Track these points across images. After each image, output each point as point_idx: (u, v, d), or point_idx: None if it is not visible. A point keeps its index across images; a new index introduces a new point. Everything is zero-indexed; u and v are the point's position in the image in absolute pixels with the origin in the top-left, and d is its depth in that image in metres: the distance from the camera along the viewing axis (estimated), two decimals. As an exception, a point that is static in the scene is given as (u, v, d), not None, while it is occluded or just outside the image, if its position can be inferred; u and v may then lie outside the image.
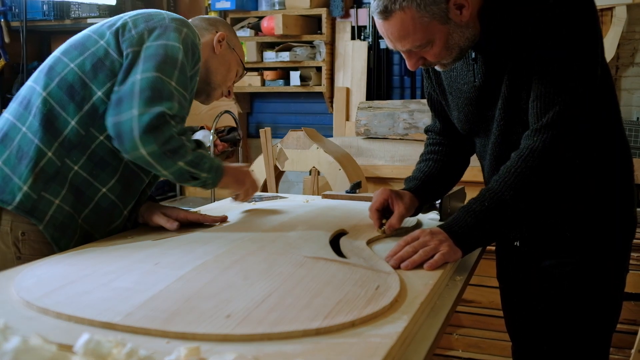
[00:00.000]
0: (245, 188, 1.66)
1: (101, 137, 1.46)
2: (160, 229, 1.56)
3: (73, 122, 1.44)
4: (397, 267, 1.21)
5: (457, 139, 1.62)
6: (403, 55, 1.34)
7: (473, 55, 1.39)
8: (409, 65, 1.34)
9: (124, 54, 1.44)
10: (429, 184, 1.60)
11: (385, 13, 1.26)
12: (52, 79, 1.46)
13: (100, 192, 1.49)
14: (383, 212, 1.51)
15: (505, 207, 1.28)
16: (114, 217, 1.53)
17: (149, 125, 1.36)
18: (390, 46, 1.32)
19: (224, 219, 1.63)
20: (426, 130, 1.71)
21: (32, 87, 1.49)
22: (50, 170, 1.43)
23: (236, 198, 1.72)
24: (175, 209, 1.61)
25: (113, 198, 1.51)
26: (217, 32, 1.69)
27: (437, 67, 1.40)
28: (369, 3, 4.09)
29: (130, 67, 1.42)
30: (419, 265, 1.22)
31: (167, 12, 1.55)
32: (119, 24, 1.49)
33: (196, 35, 1.54)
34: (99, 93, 1.44)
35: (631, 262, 1.55)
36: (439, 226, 1.31)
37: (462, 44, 1.32)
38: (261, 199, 2.01)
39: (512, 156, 1.31)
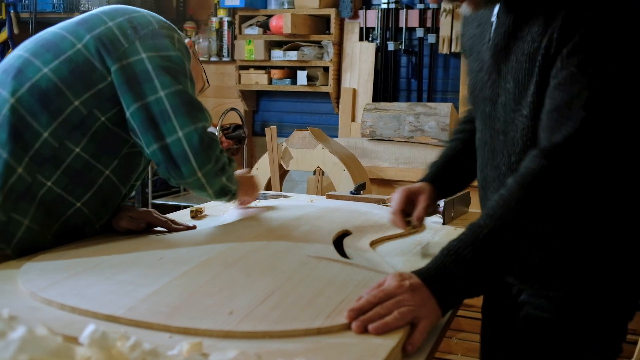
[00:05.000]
0: (256, 195, 1.69)
1: (77, 150, 1.32)
2: (129, 232, 1.47)
3: (46, 134, 1.29)
4: (362, 331, 0.91)
5: None
6: None
7: (496, 10, 1.14)
8: None
9: (114, 67, 1.31)
10: (448, 171, 1.43)
11: None
12: (22, 83, 1.30)
13: (73, 207, 1.35)
14: (405, 211, 1.41)
15: (501, 254, 1.01)
16: (85, 232, 1.41)
17: (200, 144, 1.30)
18: None
19: (192, 228, 1.53)
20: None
21: None
22: (20, 189, 1.28)
23: (242, 203, 1.71)
24: (144, 211, 1.53)
25: (87, 213, 1.38)
26: (184, 39, 1.56)
27: (465, 6, 1.10)
28: (378, 4, 4.09)
29: (136, 81, 1.30)
30: None
31: (148, 12, 1.43)
32: (101, 29, 1.34)
33: (181, 36, 1.45)
34: (76, 103, 1.30)
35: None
36: (420, 273, 1.01)
37: None
38: (265, 197, 2.02)
39: (509, 183, 1.04)
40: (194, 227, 1.53)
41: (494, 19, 1.15)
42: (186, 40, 1.52)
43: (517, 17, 1.10)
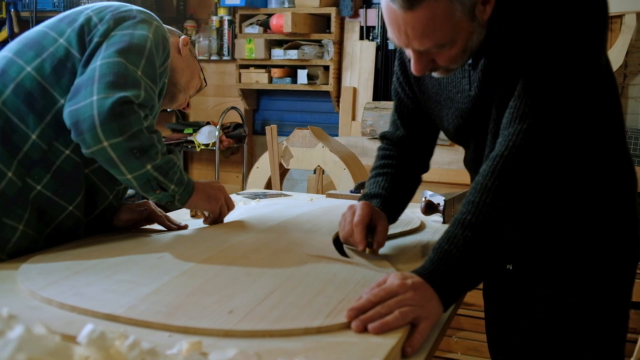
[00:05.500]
0: (218, 206, 1.49)
1: (67, 152, 1.29)
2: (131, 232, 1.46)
3: (34, 136, 1.26)
4: (362, 330, 0.91)
5: (415, 153, 1.48)
6: (411, 55, 1.13)
7: (470, 61, 1.21)
8: (416, 69, 1.14)
9: (87, 48, 1.28)
10: (392, 201, 1.41)
11: (412, 2, 1.03)
12: (6, 85, 1.27)
13: (66, 211, 1.33)
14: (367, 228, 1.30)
15: (490, 233, 1.03)
16: (79, 234, 1.39)
17: (111, 111, 1.18)
18: (400, 43, 1.10)
19: (183, 228, 1.51)
20: (382, 137, 1.51)
21: None
22: (11, 193, 1.25)
23: (206, 220, 1.53)
24: (142, 202, 1.51)
25: (79, 215, 1.36)
26: (180, 36, 1.53)
27: (436, 74, 1.20)
28: (379, 3, 4.08)
29: (91, 56, 1.26)
30: None
31: (134, 5, 1.40)
32: (81, 19, 1.31)
33: (165, 30, 1.40)
34: (62, 101, 1.26)
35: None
36: (419, 272, 1.02)
37: (474, 48, 1.14)
38: (265, 196, 2.02)
39: (482, 170, 1.09)
40: (185, 227, 1.52)
41: (467, 67, 1.23)
42: (182, 37, 1.51)
43: (491, 62, 1.18)
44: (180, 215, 1.69)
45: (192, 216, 1.69)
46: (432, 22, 1.05)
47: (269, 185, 3.19)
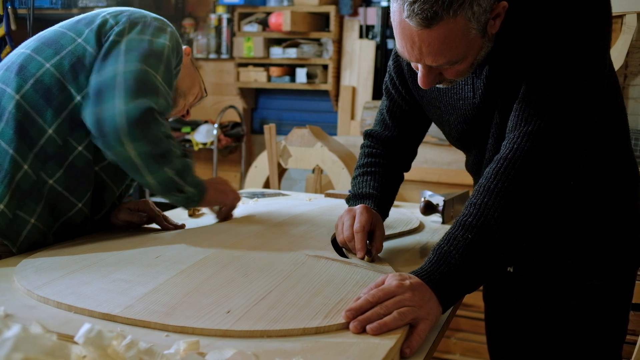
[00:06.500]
0: (230, 198, 1.55)
1: (80, 148, 1.32)
2: (129, 231, 1.47)
3: (50, 131, 1.29)
4: (360, 331, 0.90)
5: (402, 153, 1.48)
6: (419, 69, 1.13)
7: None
8: (424, 83, 1.12)
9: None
10: (383, 202, 1.41)
11: (430, 20, 1.01)
12: (26, 80, 1.30)
13: (75, 208, 1.35)
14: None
15: (492, 235, 1.02)
16: (85, 231, 1.42)
17: (136, 120, 1.23)
18: (411, 58, 1.10)
19: (180, 227, 1.52)
20: (367, 135, 1.50)
21: (1, 89, 1.31)
22: (26, 186, 1.27)
23: (219, 214, 1.57)
24: (140, 201, 1.53)
25: (87, 212, 1.38)
26: (182, 46, 1.52)
27: (440, 85, 1.19)
28: (378, 2, 4.08)
29: (108, 55, 1.30)
30: None
31: (148, 12, 1.44)
32: (98, 21, 1.36)
33: (178, 35, 1.44)
34: (79, 97, 1.30)
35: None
36: (417, 273, 1.02)
37: (480, 60, 1.14)
38: (263, 195, 2.01)
39: (486, 172, 1.09)
40: (182, 226, 1.53)
41: (469, 75, 1.21)
42: (184, 47, 1.52)
43: (495, 69, 1.17)
44: (179, 214, 1.68)
45: (190, 215, 1.68)
46: (448, 41, 1.04)
47: (267, 185, 3.19)
